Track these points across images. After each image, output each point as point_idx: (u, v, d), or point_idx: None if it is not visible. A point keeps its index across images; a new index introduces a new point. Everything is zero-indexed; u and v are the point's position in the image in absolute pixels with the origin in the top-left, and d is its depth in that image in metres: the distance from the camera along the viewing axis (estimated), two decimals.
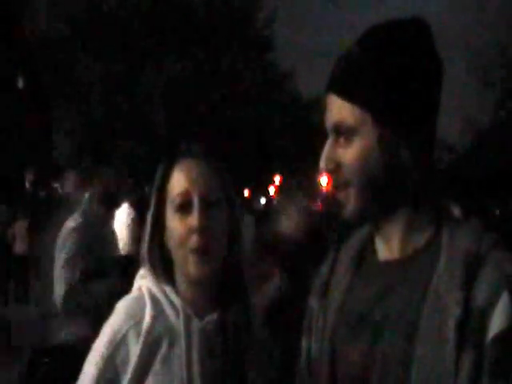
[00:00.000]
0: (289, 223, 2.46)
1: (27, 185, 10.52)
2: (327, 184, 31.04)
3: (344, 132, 1.00)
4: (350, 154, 0.99)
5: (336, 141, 1.02)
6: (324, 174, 1.04)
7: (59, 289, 3.20)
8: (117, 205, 4.06)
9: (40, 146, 22.51)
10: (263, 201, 31.29)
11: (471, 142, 22.29)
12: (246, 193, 27.91)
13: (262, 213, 12.47)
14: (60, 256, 3.26)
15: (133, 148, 21.12)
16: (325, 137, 1.05)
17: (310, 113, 36.34)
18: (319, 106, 38.29)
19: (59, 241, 3.32)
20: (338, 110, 1.01)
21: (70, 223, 3.34)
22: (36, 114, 22.35)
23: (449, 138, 24.48)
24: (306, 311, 1.18)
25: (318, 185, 34.14)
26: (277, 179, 34.24)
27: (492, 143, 16.67)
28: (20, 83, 22.21)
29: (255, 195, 30.36)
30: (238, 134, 22.20)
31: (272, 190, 35.04)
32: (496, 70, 21.49)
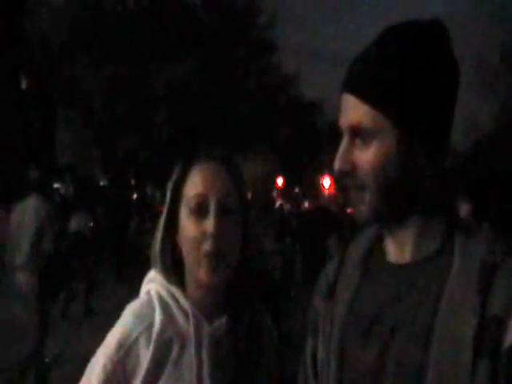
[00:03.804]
0: None
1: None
2: (330, 186, 31.03)
3: (361, 134, 0.98)
4: (367, 156, 0.97)
5: (352, 142, 0.99)
6: (337, 174, 1.00)
7: None
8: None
9: (42, 147, 22.56)
10: None
11: (474, 144, 22.26)
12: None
13: None
14: None
15: (136, 149, 21.13)
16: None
17: (312, 115, 36.33)
18: (322, 109, 38.34)
19: None
20: (356, 111, 0.98)
21: None
22: (39, 115, 22.39)
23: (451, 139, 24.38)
24: (309, 311, 1.16)
25: (320, 186, 34.11)
26: (279, 181, 34.17)
27: (495, 145, 16.62)
28: (23, 84, 22.28)
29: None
30: (239, 135, 22.19)
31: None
32: (498, 71, 21.45)
